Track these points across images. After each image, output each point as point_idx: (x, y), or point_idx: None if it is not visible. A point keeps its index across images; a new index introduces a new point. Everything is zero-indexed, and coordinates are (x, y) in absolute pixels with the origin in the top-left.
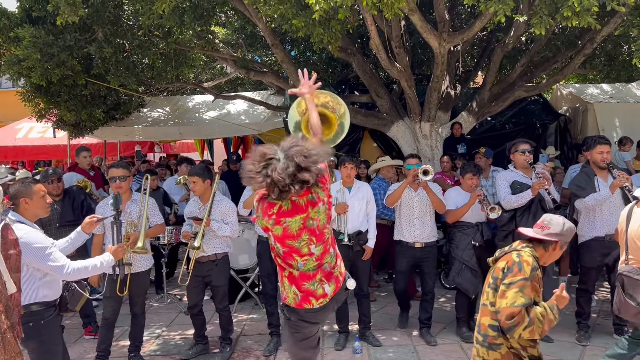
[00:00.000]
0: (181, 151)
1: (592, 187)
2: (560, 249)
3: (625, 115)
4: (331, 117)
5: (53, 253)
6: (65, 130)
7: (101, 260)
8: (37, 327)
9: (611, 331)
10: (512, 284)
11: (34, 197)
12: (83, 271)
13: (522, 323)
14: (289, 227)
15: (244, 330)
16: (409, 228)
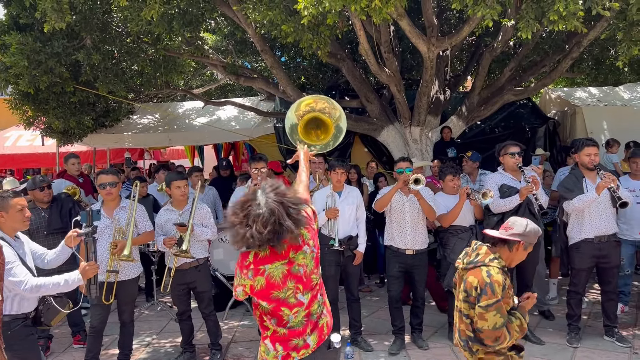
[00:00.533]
0: (171, 158)
1: (579, 189)
2: (524, 250)
3: (613, 118)
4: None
5: (14, 268)
6: (53, 137)
7: (66, 279)
8: (6, 337)
9: (602, 333)
10: (489, 307)
11: (10, 211)
12: (42, 288)
13: (505, 340)
14: (271, 276)
15: (234, 337)
16: (400, 234)
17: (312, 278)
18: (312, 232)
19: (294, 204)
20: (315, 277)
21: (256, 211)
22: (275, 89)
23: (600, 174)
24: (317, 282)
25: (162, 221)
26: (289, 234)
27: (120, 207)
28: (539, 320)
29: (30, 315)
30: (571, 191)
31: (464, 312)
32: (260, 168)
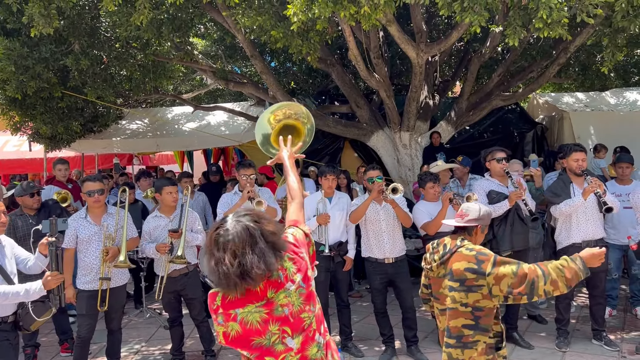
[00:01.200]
0: (161, 163)
1: (567, 194)
2: (482, 233)
3: (600, 123)
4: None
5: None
6: (41, 143)
7: (27, 288)
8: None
9: (590, 336)
10: (496, 265)
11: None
12: (1, 297)
13: (538, 278)
14: (245, 321)
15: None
16: (377, 243)
17: (302, 317)
18: (299, 263)
19: (271, 231)
20: (306, 316)
21: (224, 238)
22: (265, 94)
23: (587, 179)
24: (311, 321)
25: (150, 228)
26: (261, 268)
27: (108, 213)
28: (528, 324)
29: (7, 319)
30: (558, 196)
31: (462, 302)
32: (249, 175)
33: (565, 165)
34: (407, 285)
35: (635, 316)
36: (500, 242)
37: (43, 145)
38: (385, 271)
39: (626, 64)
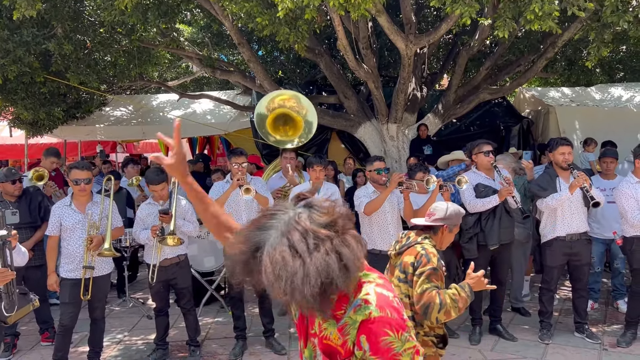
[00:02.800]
0: (145, 151)
1: (553, 188)
2: (450, 232)
3: (585, 118)
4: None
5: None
6: (22, 129)
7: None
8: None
9: (572, 329)
10: (422, 274)
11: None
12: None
13: (434, 306)
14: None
15: (208, 334)
16: (382, 235)
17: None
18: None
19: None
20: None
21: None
22: (252, 83)
23: (573, 173)
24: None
25: (143, 215)
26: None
27: (93, 202)
28: (512, 316)
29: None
30: (545, 190)
31: (405, 294)
32: (241, 163)
33: (552, 159)
34: None
35: (616, 309)
36: (488, 236)
37: (24, 131)
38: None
39: (611, 60)
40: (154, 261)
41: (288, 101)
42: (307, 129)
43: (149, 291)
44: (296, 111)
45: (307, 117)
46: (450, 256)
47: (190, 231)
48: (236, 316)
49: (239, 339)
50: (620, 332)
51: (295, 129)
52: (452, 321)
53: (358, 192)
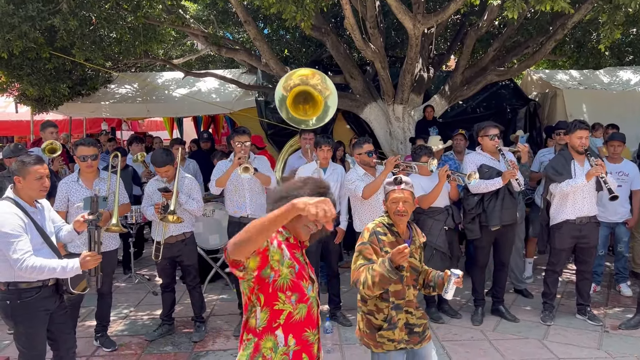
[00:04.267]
0: (149, 129)
1: (568, 172)
2: (386, 202)
3: (593, 101)
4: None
5: (15, 243)
6: (27, 105)
7: (63, 265)
8: (14, 307)
9: (574, 311)
10: (356, 250)
11: (28, 178)
12: (37, 271)
13: (361, 281)
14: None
15: (214, 311)
16: (373, 217)
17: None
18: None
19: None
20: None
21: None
22: (258, 62)
23: (590, 160)
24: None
25: (150, 191)
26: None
27: (100, 178)
28: (514, 298)
29: (48, 283)
30: (560, 174)
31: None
32: (244, 142)
33: (568, 142)
34: None
35: (619, 293)
36: (490, 217)
37: (30, 108)
38: None
39: (621, 43)
40: (159, 238)
41: (312, 78)
42: (325, 112)
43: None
44: (319, 90)
45: (329, 101)
46: (452, 237)
47: (194, 209)
48: (241, 293)
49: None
50: (621, 314)
51: (315, 108)
52: (454, 301)
53: (349, 175)
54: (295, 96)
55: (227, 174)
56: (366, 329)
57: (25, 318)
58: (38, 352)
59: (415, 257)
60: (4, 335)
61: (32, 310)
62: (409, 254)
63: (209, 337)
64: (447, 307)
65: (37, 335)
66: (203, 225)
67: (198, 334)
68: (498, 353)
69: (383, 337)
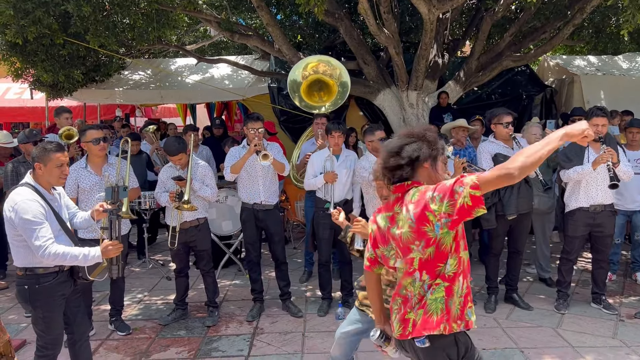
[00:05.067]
0: (163, 116)
1: (580, 158)
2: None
3: (611, 87)
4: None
5: (38, 230)
6: (42, 91)
7: (85, 253)
8: (33, 292)
9: (589, 300)
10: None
11: (49, 165)
12: (60, 258)
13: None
14: (379, 225)
15: (226, 296)
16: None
17: (410, 248)
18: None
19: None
20: (414, 249)
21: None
22: (271, 48)
23: (602, 147)
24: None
25: (164, 177)
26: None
27: (108, 163)
28: (528, 286)
29: (64, 268)
30: (570, 160)
31: None
32: (257, 128)
33: None
34: None
35: (635, 281)
36: (506, 206)
37: (45, 94)
38: None
39: None
40: (174, 223)
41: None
42: (342, 90)
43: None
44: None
45: (342, 78)
46: (466, 224)
47: (208, 196)
48: (253, 279)
49: (256, 301)
50: (637, 303)
51: (330, 93)
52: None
53: (362, 163)
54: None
55: (242, 160)
56: None
57: (44, 302)
58: (55, 336)
59: None
60: (22, 318)
61: (50, 294)
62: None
63: (222, 321)
64: None
65: (54, 319)
66: (216, 211)
67: (211, 319)
68: (511, 341)
69: None
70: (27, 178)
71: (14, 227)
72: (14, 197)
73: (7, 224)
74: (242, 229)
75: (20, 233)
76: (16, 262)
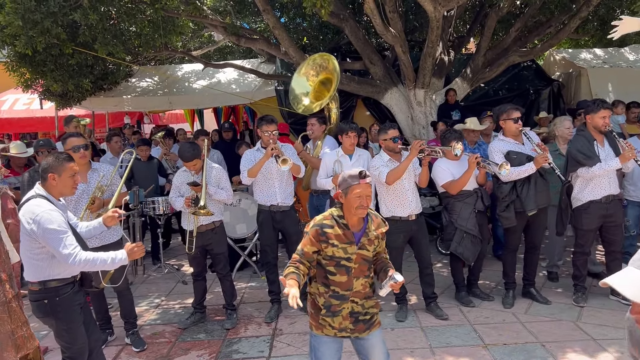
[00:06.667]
0: (170, 122)
1: (594, 154)
2: (344, 197)
3: (618, 79)
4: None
5: (65, 239)
6: (52, 101)
7: (112, 257)
8: (53, 304)
9: (607, 292)
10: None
11: (63, 175)
12: (89, 264)
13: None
14: None
15: (243, 298)
16: (401, 202)
17: None
18: None
19: None
20: None
21: None
22: (277, 50)
23: (620, 142)
24: None
25: (179, 182)
26: None
27: (92, 169)
28: (544, 281)
29: (77, 278)
30: (590, 158)
31: None
32: (272, 131)
33: (589, 122)
34: (426, 240)
35: None
36: (525, 202)
37: (54, 103)
38: (409, 228)
39: None
40: (190, 227)
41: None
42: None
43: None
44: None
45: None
46: (482, 220)
47: (224, 198)
48: (271, 281)
49: (274, 302)
50: None
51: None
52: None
53: (374, 162)
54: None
55: (259, 164)
56: (311, 308)
57: (65, 314)
58: (81, 345)
59: (368, 249)
60: (42, 326)
61: (70, 305)
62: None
63: (241, 324)
64: (479, 291)
65: (77, 329)
66: (230, 214)
67: (230, 321)
68: (532, 335)
69: (325, 321)
70: (37, 189)
71: (34, 239)
72: (33, 209)
73: (25, 237)
74: (259, 231)
75: (44, 245)
76: (30, 277)
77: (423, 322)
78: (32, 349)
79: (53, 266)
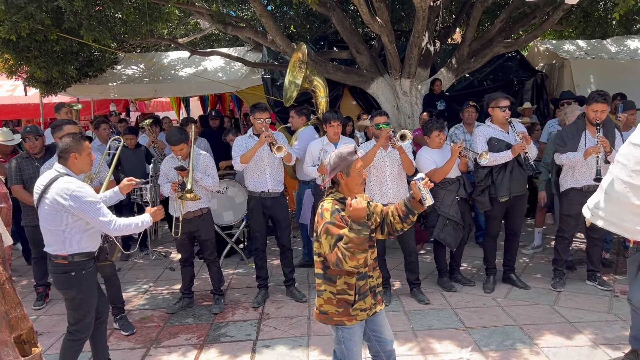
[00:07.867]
0: (156, 110)
1: (575, 142)
2: (348, 176)
3: (600, 71)
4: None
5: (102, 208)
6: (36, 87)
7: (142, 220)
8: (79, 277)
9: (584, 278)
10: (322, 232)
11: (83, 153)
12: (126, 228)
13: (341, 258)
14: None
15: (230, 284)
16: (380, 190)
17: None
18: None
19: None
20: None
21: None
22: (264, 39)
23: (597, 136)
24: None
25: (166, 169)
26: None
27: None
28: (524, 266)
29: (94, 254)
30: (565, 145)
31: (316, 252)
32: (264, 118)
33: (586, 112)
34: (409, 229)
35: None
36: (499, 189)
37: (39, 90)
38: None
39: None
40: (177, 214)
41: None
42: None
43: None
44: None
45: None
46: (464, 207)
47: (210, 185)
48: (259, 266)
49: (261, 287)
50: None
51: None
52: (465, 270)
53: (361, 147)
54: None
55: (252, 151)
56: (338, 308)
57: (88, 287)
58: (90, 320)
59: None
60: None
61: (92, 278)
62: (360, 201)
63: (228, 308)
64: (460, 277)
65: (94, 303)
66: (217, 202)
67: (218, 306)
68: (510, 318)
69: (357, 309)
70: (59, 168)
71: (70, 213)
72: (67, 185)
73: (58, 213)
74: (249, 217)
75: (81, 217)
76: (61, 250)
77: (406, 306)
78: (26, 329)
79: (83, 239)
